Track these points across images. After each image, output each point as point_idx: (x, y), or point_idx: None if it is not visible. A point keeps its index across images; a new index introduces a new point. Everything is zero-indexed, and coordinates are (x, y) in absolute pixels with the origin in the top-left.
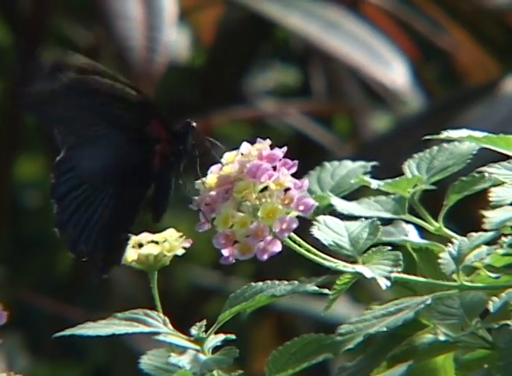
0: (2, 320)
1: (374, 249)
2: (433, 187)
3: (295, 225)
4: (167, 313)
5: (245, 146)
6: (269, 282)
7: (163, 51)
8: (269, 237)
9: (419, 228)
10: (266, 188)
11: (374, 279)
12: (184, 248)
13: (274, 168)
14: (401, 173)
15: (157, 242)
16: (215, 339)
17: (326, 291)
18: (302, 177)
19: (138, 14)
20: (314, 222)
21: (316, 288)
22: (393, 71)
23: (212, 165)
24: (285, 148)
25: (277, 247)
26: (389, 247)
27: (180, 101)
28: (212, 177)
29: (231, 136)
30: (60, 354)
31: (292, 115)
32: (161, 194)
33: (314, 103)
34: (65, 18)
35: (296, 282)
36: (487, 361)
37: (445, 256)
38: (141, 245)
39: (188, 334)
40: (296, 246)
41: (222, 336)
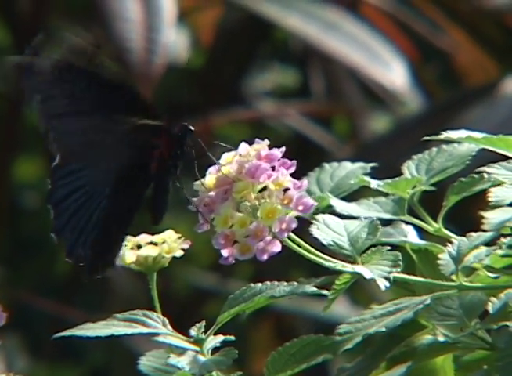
0: (2, 321)
1: (373, 249)
2: (432, 188)
3: (294, 225)
4: (166, 314)
5: (243, 147)
6: (268, 283)
7: (162, 52)
8: (269, 237)
9: (418, 229)
10: (265, 188)
11: (373, 279)
12: (183, 250)
13: (273, 168)
14: (400, 174)
15: (156, 243)
16: (214, 340)
17: (325, 292)
18: (301, 178)
19: (137, 15)
20: (313, 222)
21: (315, 289)
22: (392, 72)
23: (210, 166)
24: (283, 148)
25: (277, 247)
26: (388, 247)
27: (179, 102)
28: (211, 178)
29: (230, 137)
30: (59, 355)
31: (291, 116)
32: (160, 196)
33: (313, 104)
34: (64, 19)
35: (295, 283)
36: (486, 362)
37: (445, 256)
38: (139, 247)
39: (187, 335)
40: (295, 246)
41: (221, 337)
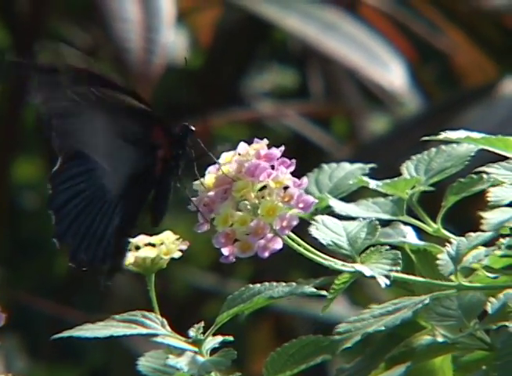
0: (1, 322)
1: (372, 248)
2: (431, 189)
3: (295, 222)
4: (165, 315)
5: (242, 146)
6: (267, 284)
7: (161, 52)
8: (270, 235)
9: (417, 229)
10: (265, 187)
11: (373, 277)
12: (181, 251)
13: (272, 168)
14: (399, 174)
15: (154, 245)
16: (213, 341)
17: (324, 293)
18: (301, 178)
19: (136, 16)
20: (312, 222)
21: (314, 290)
22: (391, 73)
23: (210, 166)
24: (282, 147)
25: (278, 244)
26: (387, 246)
27: (178, 102)
28: (210, 177)
29: (229, 138)
30: (58, 356)
31: (290, 117)
32: (161, 199)
33: (312, 105)
34: (63, 19)
35: (294, 284)
36: (485, 362)
37: (444, 257)
38: (138, 248)
39: (186, 336)
40: (295, 245)
41: (220, 338)
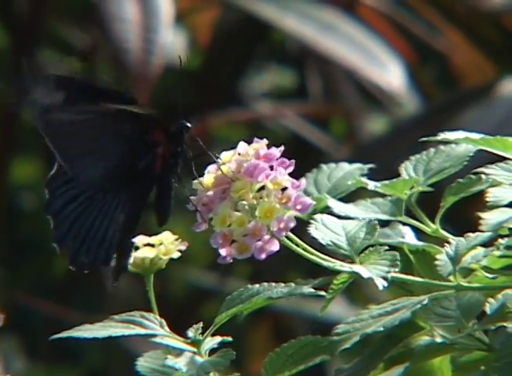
0: None
1: (371, 249)
2: (430, 189)
3: (293, 224)
4: (163, 315)
5: (242, 146)
6: (266, 284)
7: (159, 53)
8: (267, 236)
9: (416, 230)
10: (263, 187)
11: (371, 279)
12: (180, 251)
13: (271, 168)
14: (398, 175)
15: (153, 245)
16: (212, 341)
17: (323, 293)
18: (299, 178)
19: (134, 16)
20: (311, 222)
21: (313, 290)
22: (389, 73)
23: (209, 165)
24: (282, 147)
25: (275, 246)
26: (386, 247)
27: (176, 103)
28: (209, 177)
29: (227, 138)
30: (57, 356)
31: (288, 117)
32: (164, 197)
33: (310, 105)
34: (62, 20)
35: (292, 284)
36: (484, 363)
37: (442, 257)
38: (137, 248)
39: (185, 337)
40: (293, 245)
41: (219, 338)
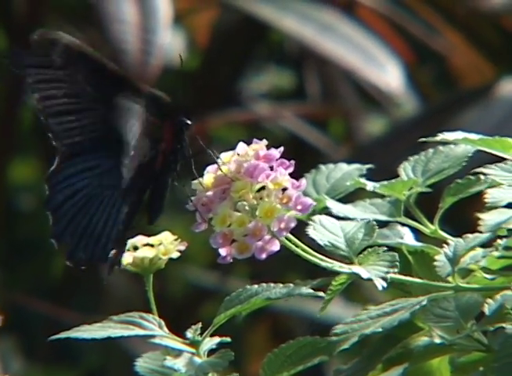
0: None
1: (370, 250)
2: (428, 190)
3: (293, 224)
4: (162, 316)
5: (241, 147)
6: (264, 285)
7: (157, 53)
8: (267, 236)
9: (414, 231)
10: (263, 188)
11: (371, 280)
12: (179, 251)
13: (271, 168)
14: (396, 176)
15: (152, 245)
16: (211, 342)
17: (322, 294)
18: (298, 179)
19: (133, 17)
20: (310, 223)
21: (311, 291)
22: (387, 74)
23: (208, 165)
24: (281, 148)
25: (275, 246)
26: (385, 247)
27: (176, 101)
28: (209, 177)
29: (226, 139)
30: (55, 357)
31: (287, 118)
32: (157, 197)
33: (309, 106)
34: (60, 20)
35: (291, 285)
36: (482, 364)
37: (441, 258)
38: (136, 248)
39: (183, 337)
40: (292, 246)
41: (218, 339)
